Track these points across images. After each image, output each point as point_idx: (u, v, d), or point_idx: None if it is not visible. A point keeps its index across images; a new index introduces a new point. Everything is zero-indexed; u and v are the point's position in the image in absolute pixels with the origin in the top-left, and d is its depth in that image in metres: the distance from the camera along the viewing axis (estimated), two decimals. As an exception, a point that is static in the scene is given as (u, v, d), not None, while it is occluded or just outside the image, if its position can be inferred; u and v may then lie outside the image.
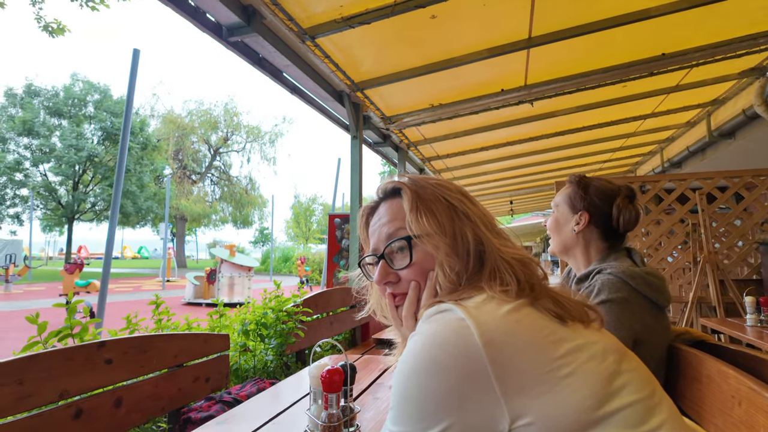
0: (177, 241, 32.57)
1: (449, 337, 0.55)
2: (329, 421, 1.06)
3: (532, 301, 0.60)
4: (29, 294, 13.68)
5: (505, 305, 0.58)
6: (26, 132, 25.46)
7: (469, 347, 0.53)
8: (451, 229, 0.70)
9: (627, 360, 0.60)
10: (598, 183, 1.35)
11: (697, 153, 5.47)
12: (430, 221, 0.70)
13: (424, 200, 0.73)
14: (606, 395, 0.54)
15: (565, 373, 0.54)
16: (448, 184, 0.77)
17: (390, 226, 0.75)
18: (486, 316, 0.56)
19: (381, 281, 0.76)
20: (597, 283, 1.17)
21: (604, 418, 0.53)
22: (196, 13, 2.47)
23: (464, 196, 0.75)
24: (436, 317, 0.59)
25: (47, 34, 6.80)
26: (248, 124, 34.48)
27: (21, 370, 1.16)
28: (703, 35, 3.09)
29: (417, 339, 0.58)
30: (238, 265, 12.06)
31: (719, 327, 2.74)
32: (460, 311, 0.57)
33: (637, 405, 0.55)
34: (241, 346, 2.53)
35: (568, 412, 0.52)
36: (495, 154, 5.77)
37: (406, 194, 0.74)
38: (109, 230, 4.54)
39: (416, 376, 0.55)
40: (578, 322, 0.60)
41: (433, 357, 0.54)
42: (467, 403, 0.53)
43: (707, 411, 1.01)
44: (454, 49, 3.08)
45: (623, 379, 0.57)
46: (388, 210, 0.77)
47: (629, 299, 1.12)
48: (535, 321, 0.58)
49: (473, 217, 0.72)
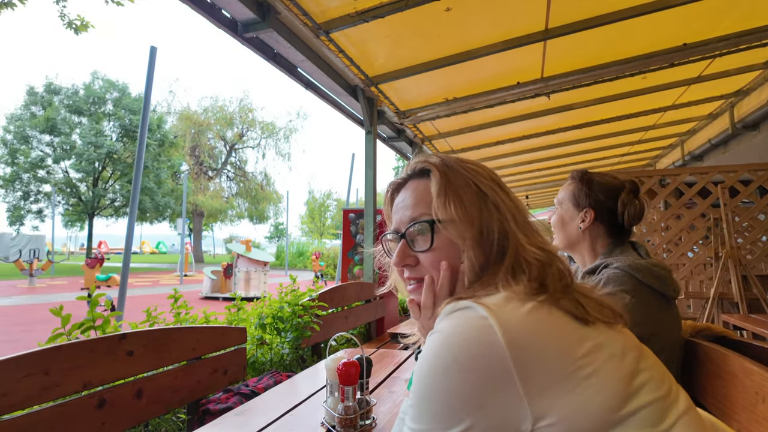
0: (194, 236, 33.03)
1: (471, 335, 0.54)
2: (346, 413, 1.07)
3: (552, 301, 0.58)
4: (52, 288, 14.03)
5: (527, 304, 0.57)
6: (48, 129, 26.06)
7: (492, 346, 0.52)
8: (479, 219, 0.67)
9: (644, 358, 0.59)
10: (602, 179, 1.33)
11: (720, 146, 5.34)
12: (458, 208, 0.67)
13: (453, 185, 0.69)
14: (627, 395, 0.53)
15: (586, 373, 0.53)
16: (482, 169, 0.73)
17: (414, 209, 0.72)
18: (508, 314, 0.55)
19: (399, 263, 0.74)
20: (603, 277, 1.16)
21: (625, 418, 0.53)
22: (212, 10, 2.49)
23: (497, 184, 0.72)
24: (457, 314, 0.57)
25: (72, 31, 6.86)
26: (263, 120, 34.68)
27: (47, 361, 1.20)
28: (727, 24, 3.00)
29: (437, 337, 0.57)
30: (254, 260, 12.19)
31: (742, 323, 2.68)
32: (482, 309, 0.55)
33: (656, 404, 0.54)
34: (258, 340, 2.56)
35: (590, 413, 0.52)
36: (511, 148, 5.71)
37: (435, 176, 0.71)
38: (129, 226, 4.62)
39: (437, 375, 0.54)
40: (600, 323, 0.59)
41: (454, 356, 0.53)
42: (489, 403, 0.52)
43: (730, 408, 0.99)
44: (469, 42, 3.05)
45: (642, 377, 0.56)
46: (415, 190, 0.74)
47: (634, 292, 1.11)
48: (556, 320, 0.57)
49: (503, 208, 0.69)
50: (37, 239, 24.72)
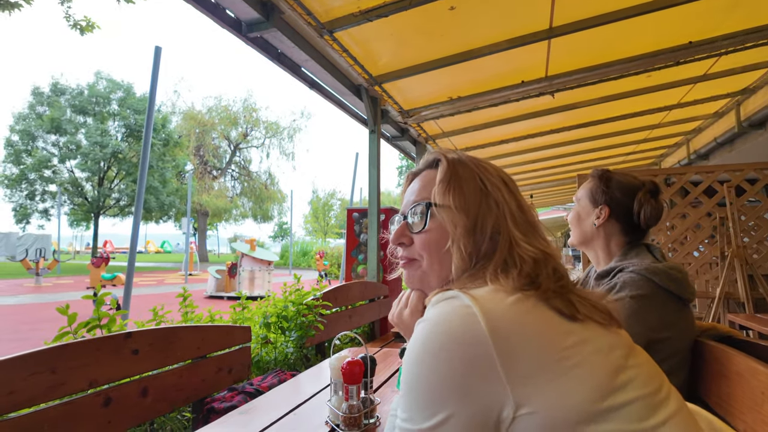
0: (199, 235, 33.15)
1: (456, 323, 0.55)
2: (350, 412, 1.07)
3: (541, 297, 0.59)
4: (58, 287, 14.12)
5: (512, 296, 0.58)
6: (54, 129, 26.25)
7: (475, 335, 0.54)
8: (475, 211, 0.71)
9: (634, 355, 0.60)
10: (621, 177, 1.33)
11: (726, 144, 5.30)
12: (456, 197, 0.71)
13: (458, 176, 0.73)
14: (610, 389, 0.54)
15: (570, 365, 0.54)
16: (492, 168, 0.76)
17: (419, 194, 0.78)
18: (492, 304, 0.56)
19: (395, 240, 0.79)
20: (619, 281, 1.15)
21: (608, 412, 0.53)
22: (216, 10, 2.49)
23: (504, 183, 0.75)
24: (443, 303, 0.59)
25: (78, 31, 6.91)
26: (267, 120, 34.76)
27: (53, 359, 1.20)
28: (732, 22, 2.98)
29: (424, 326, 0.58)
30: (259, 259, 12.22)
31: (748, 323, 2.66)
32: (467, 299, 0.57)
33: (643, 400, 0.55)
34: (263, 339, 2.57)
35: (571, 403, 0.52)
36: (515, 147, 5.69)
37: (443, 166, 0.75)
38: (134, 225, 4.64)
39: (423, 363, 0.56)
40: (591, 322, 0.60)
41: (440, 343, 0.55)
42: (474, 390, 0.53)
43: (736, 408, 0.99)
44: (473, 41, 3.04)
45: (629, 374, 0.56)
46: (424, 178, 0.79)
47: (651, 296, 1.10)
48: (541, 313, 0.58)
49: (502, 205, 0.71)
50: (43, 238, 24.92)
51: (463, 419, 0.53)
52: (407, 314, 0.83)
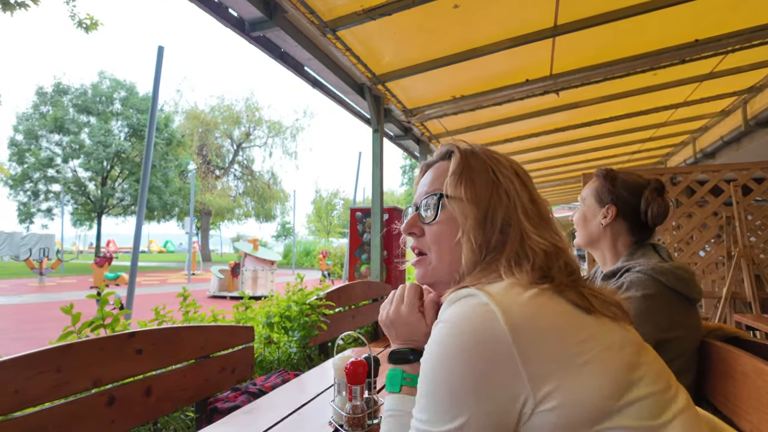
0: (201, 235, 33.23)
1: (475, 322, 0.55)
2: (353, 412, 1.07)
3: (556, 290, 0.59)
4: (62, 286, 14.18)
5: (528, 290, 0.58)
6: (57, 129, 26.34)
7: (495, 332, 0.53)
8: (486, 203, 0.70)
9: (644, 353, 0.60)
10: (626, 176, 1.32)
11: (732, 143, 5.26)
12: (467, 188, 0.71)
13: (470, 168, 0.73)
14: (626, 384, 0.54)
15: (583, 360, 0.54)
16: (505, 160, 0.77)
17: (431, 185, 0.78)
18: (509, 300, 0.56)
19: (406, 230, 0.79)
20: (626, 281, 1.15)
21: (623, 408, 0.53)
22: (219, 9, 2.49)
23: (516, 175, 0.74)
24: (461, 302, 0.59)
25: (83, 30, 6.94)
26: (270, 119, 34.81)
27: (58, 359, 1.20)
28: (739, 19, 2.95)
29: (442, 327, 0.58)
30: (261, 258, 12.24)
31: (755, 323, 2.65)
32: (484, 296, 0.56)
33: (654, 397, 0.55)
34: (266, 338, 2.57)
35: (588, 399, 0.53)
36: (519, 146, 5.68)
37: (455, 157, 0.75)
38: (137, 225, 4.65)
39: (443, 364, 0.55)
40: (603, 317, 0.60)
41: (459, 343, 0.55)
42: (494, 388, 0.53)
43: (742, 408, 0.98)
44: (476, 39, 3.03)
45: (642, 370, 0.57)
46: (437, 170, 0.79)
47: (658, 296, 1.10)
48: (558, 306, 0.58)
49: (514, 198, 0.71)
50: (46, 238, 25.04)
51: (483, 418, 0.53)
52: (405, 309, 0.80)
